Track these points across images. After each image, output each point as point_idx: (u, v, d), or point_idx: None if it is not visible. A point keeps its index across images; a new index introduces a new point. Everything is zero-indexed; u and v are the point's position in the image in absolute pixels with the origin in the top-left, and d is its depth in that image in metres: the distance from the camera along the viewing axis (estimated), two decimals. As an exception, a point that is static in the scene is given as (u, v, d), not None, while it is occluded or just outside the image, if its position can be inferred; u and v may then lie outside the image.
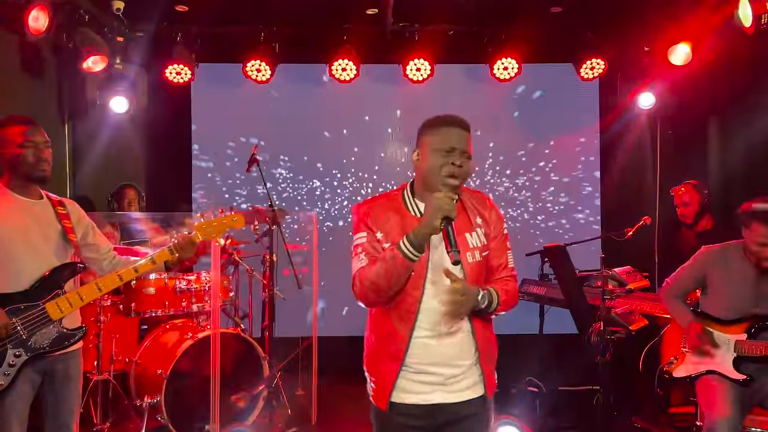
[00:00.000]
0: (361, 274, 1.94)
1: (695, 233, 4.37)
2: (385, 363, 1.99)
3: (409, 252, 1.82)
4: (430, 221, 1.80)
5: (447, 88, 5.37)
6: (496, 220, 2.04)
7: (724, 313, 2.94)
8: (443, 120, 1.98)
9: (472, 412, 1.97)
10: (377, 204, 2.04)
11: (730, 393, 2.71)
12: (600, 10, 4.73)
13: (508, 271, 2.05)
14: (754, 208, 2.81)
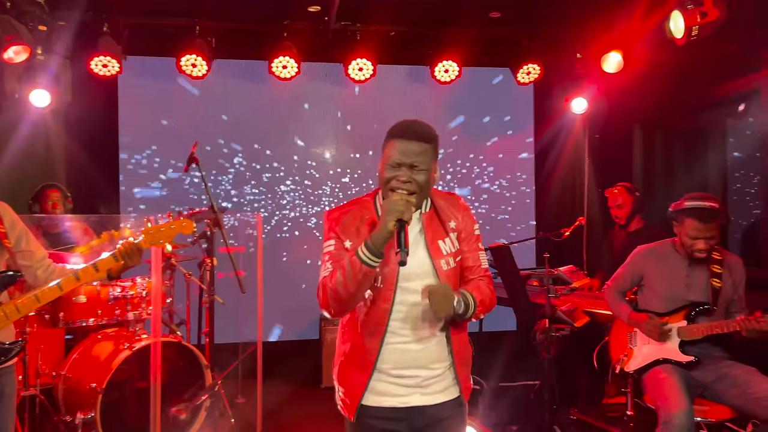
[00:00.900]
0: (323, 282, 1.89)
1: (626, 232, 4.59)
2: (355, 372, 1.95)
3: (367, 258, 1.76)
4: (384, 224, 1.76)
5: (388, 88, 5.38)
6: (469, 222, 2.03)
7: (662, 305, 3.12)
8: (397, 131, 1.92)
9: (449, 414, 1.96)
10: (348, 212, 1.99)
11: (681, 385, 2.85)
12: (536, 16, 4.87)
13: (481, 271, 2.04)
14: (685, 206, 3.04)
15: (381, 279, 1.88)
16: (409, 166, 1.86)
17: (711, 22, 3.55)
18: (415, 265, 1.89)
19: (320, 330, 5.09)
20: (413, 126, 1.92)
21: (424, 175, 1.88)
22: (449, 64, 5.06)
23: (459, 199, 2.08)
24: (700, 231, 2.94)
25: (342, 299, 1.83)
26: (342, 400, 2.01)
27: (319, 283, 1.93)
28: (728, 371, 2.91)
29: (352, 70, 5.01)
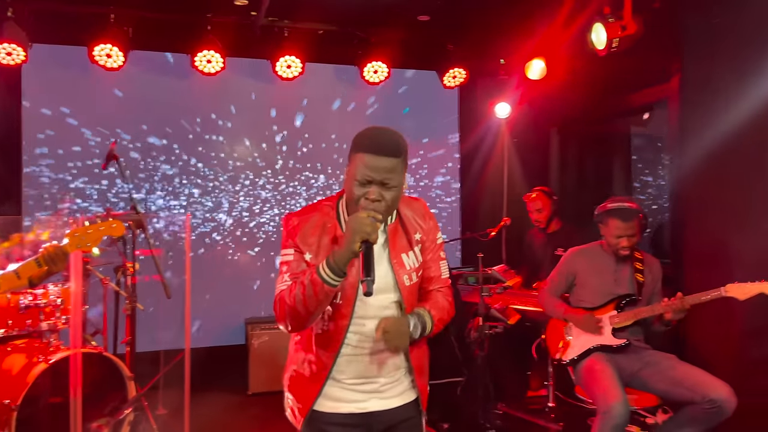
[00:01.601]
0: (281, 296, 1.81)
1: (545, 233, 4.81)
2: (307, 381, 1.89)
3: (328, 277, 1.69)
4: (349, 244, 1.68)
5: (316, 86, 5.32)
6: (433, 230, 1.97)
7: (594, 299, 3.34)
8: (366, 144, 1.77)
9: (408, 417, 1.95)
10: (308, 220, 1.87)
11: (615, 376, 3.03)
12: (463, 22, 4.99)
13: (441, 282, 2.00)
14: (608, 207, 3.29)
15: (340, 294, 1.81)
16: (380, 183, 1.75)
17: (630, 35, 3.80)
18: (377, 280, 1.78)
19: (246, 335, 4.93)
20: (383, 138, 1.77)
21: (394, 191, 1.78)
22: (378, 65, 5.07)
23: (424, 205, 2.02)
24: (623, 229, 3.21)
25: (301, 316, 1.76)
26: (291, 408, 1.94)
27: (277, 296, 1.84)
28: (651, 359, 3.14)
29: (280, 67, 4.90)
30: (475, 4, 4.57)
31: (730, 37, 3.74)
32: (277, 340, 4.86)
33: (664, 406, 3.45)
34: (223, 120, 5.34)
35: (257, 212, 5.41)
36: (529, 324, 4.45)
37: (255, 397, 4.80)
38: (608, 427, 2.83)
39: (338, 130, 5.55)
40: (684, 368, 3.00)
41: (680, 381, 2.94)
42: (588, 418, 4.38)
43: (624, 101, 4.81)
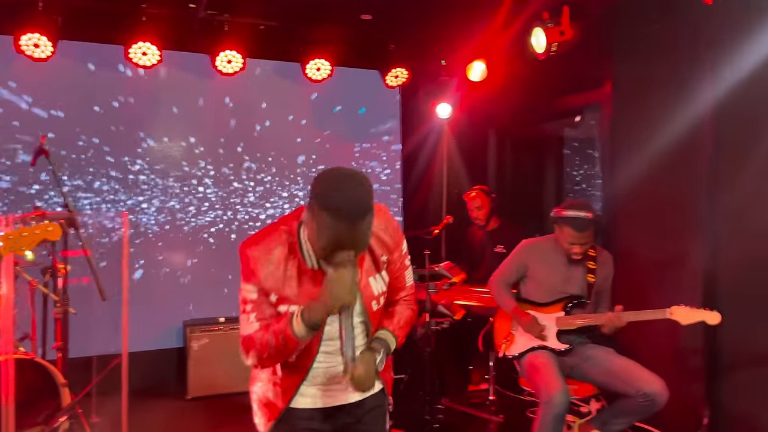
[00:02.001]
0: (250, 341, 1.78)
1: (484, 231, 4.95)
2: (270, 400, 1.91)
3: (302, 333, 1.69)
4: (326, 308, 1.65)
5: (257, 82, 5.23)
6: (398, 244, 1.89)
7: (543, 296, 3.40)
8: (333, 210, 1.57)
9: (374, 406, 1.98)
10: (269, 253, 1.75)
11: (557, 368, 3.14)
12: (405, 22, 5.03)
13: (407, 291, 1.99)
14: (564, 215, 3.28)
15: None
16: (350, 247, 1.63)
17: (568, 40, 3.96)
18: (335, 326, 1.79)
19: (185, 337, 4.78)
20: (352, 204, 1.58)
21: (367, 240, 1.70)
22: (321, 63, 5.04)
23: (386, 214, 1.90)
24: (577, 238, 3.23)
25: (273, 362, 1.82)
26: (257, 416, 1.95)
27: (244, 338, 1.80)
28: (591, 353, 3.28)
29: (220, 62, 4.78)
30: (416, 5, 4.62)
31: (660, 45, 3.96)
32: (217, 342, 4.74)
33: (598, 395, 3.63)
34: (161, 117, 5.15)
35: (195, 213, 5.25)
36: (471, 320, 4.56)
37: (195, 402, 4.67)
38: (550, 416, 2.94)
39: (281, 129, 5.47)
40: (621, 362, 3.15)
41: (617, 374, 3.09)
42: (527, 410, 4.56)
43: (560, 104, 5.01)
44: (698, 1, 3.29)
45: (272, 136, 5.44)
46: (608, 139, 4.42)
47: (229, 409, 4.54)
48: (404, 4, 4.65)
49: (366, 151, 5.80)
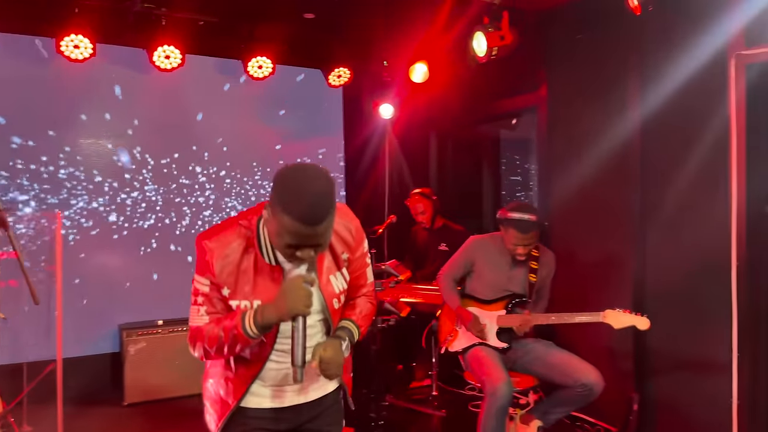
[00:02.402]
0: (198, 334, 1.77)
1: (428, 230, 5.05)
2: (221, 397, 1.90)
3: (253, 333, 1.68)
4: (281, 315, 1.65)
5: (197, 79, 5.11)
6: (359, 243, 1.90)
7: (487, 292, 3.48)
8: (292, 210, 1.56)
9: (329, 404, 1.98)
10: (227, 248, 1.74)
11: (500, 361, 3.26)
12: (348, 22, 5.05)
13: (368, 287, 2.01)
14: (509, 216, 3.35)
15: None
16: (312, 246, 1.64)
17: (507, 45, 4.09)
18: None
19: (121, 342, 4.62)
20: (315, 207, 1.57)
21: (328, 241, 1.71)
22: (263, 60, 4.97)
23: (347, 212, 1.91)
24: (521, 240, 3.31)
25: (220, 356, 1.80)
26: (209, 414, 1.93)
27: (193, 330, 1.79)
28: (532, 346, 3.41)
29: (157, 58, 4.63)
30: (359, 6, 4.65)
31: (592, 52, 4.17)
32: (156, 345, 4.60)
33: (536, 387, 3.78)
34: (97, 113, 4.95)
35: (130, 214, 5.07)
36: (415, 317, 4.64)
37: (132, 408, 4.51)
38: (495, 407, 3.04)
39: (221, 125, 5.36)
40: (560, 355, 3.29)
41: (557, 366, 3.22)
42: (469, 404, 4.68)
43: (499, 106, 5.16)
44: (628, 11, 3.47)
45: (210, 134, 5.33)
46: (544, 141, 4.61)
47: (168, 415, 4.42)
48: (347, 3, 4.68)
49: (308, 150, 5.77)
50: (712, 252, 3.45)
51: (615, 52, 4.00)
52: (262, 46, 4.95)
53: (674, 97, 3.62)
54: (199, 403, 4.67)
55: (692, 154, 3.55)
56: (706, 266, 3.50)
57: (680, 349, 3.67)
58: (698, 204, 3.54)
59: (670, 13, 3.56)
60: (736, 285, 3.33)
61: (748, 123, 3.30)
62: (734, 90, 3.34)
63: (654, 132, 3.79)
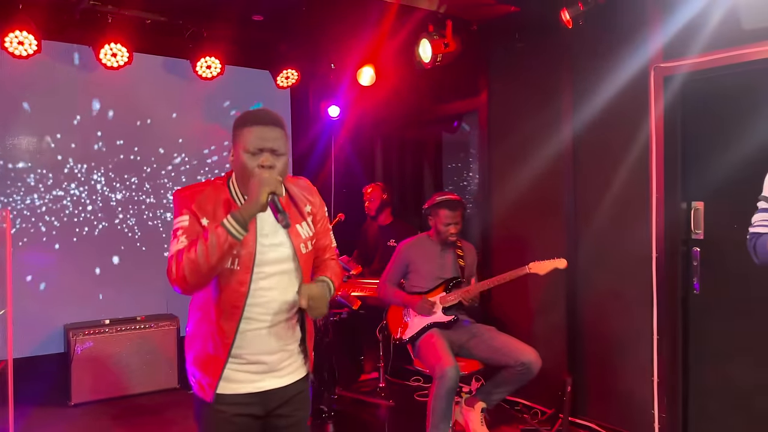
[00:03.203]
0: (179, 254, 1.86)
1: (378, 225, 5.27)
2: (210, 358, 1.97)
3: (234, 230, 1.80)
4: (257, 197, 1.81)
5: (144, 78, 5.11)
6: (320, 204, 2.15)
7: (426, 284, 3.80)
8: (251, 119, 1.94)
9: (299, 390, 2.11)
10: (203, 192, 1.98)
11: (447, 346, 3.49)
12: (296, 25, 5.18)
13: (332, 251, 2.22)
14: (437, 200, 3.77)
15: (237, 261, 1.90)
16: (270, 150, 1.91)
17: (451, 52, 4.34)
18: (275, 250, 1.97)
19: (67, 342, 4.56)
20: (266, 112, 1.96)
21: (284, 159, 1.96)
22: (212, 60, 5.02)
23: (309, 182, 2.18)
24: (451, 218, 3.71)
25: (201, 272, 1.82)
26: (198, 382, 2.01)
27: (172, 255, 1.89)
28: (476, 331, 3.68)
29: (104, 56, 4.61)
30: (306, 10, 4.78)
31: (529, 61, 4.48)
32: (103, 344, 4.58)
33: (477, 375, 4.05)
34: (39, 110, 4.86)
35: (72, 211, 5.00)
36: (364, 311, 4.82)
37: (79, 408, 4.47)
38: (444, 389, 3.27)
39: (169, 125, 5.36)
40: (502, 338, 3.57)
41: (499, 348, 3.50)
42: (414, 394, 4.90)
43: (441, 109, 5.42)
44: (561, 24, 3.79)
45: (157, 133, 5.32)
46: (485, 142, 4.89)
47: (117, 414, 4.41)
48: (295, 6, 4.80)
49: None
50: (635, 245, 3.81)
51: (549, 62, 4.32)
52: (211, 46, 4.99)
53: (602, 106, 3.97)
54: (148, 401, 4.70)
55: (619, 158, 3.91)
56: (630, 258, 3.86)
57: (608, 334, 4.02)
58: (624, 203, 3.90)
59: (599, 28, 3.90)
60: (656, 274, 3.71)
61: (666, 130, 3.67)
62: (654, 99, 3.71)
63: (585, 136, 4.13)
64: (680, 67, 3.57)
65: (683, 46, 3.53)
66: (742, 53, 3.26)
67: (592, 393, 4.14)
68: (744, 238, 3.27)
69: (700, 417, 3.66)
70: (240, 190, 2.00)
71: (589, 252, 4.13)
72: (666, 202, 3.68)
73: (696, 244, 3.66)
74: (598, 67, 4.01)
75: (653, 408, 3.73)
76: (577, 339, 4.20)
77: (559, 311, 4.24)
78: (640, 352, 3.80)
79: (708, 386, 3.63)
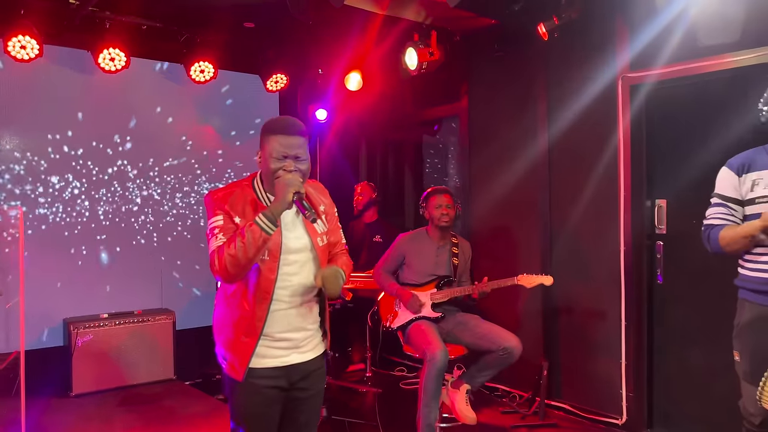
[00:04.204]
0: (219, 250, 2.12)
1: (364, 224, 5.55)
2: (242, 340, 2.21)
3: (265, 225, 2.07)
4: (284, 197, 2.07)
5: (140, 82, 5.29)
6: (331, 204, 2.43)
7: (418, 278, 4.03)
8: (278, 128, 2.18)
9: (318, 366, 2.36)
10: (232, 193, 2.22)
11: (436, 332, 3.76)
12: (285, 32, 5.41)
13: (342, 246, 2.49)
14: (427, 192, 4.05)
15: (267, 252, 2.17)
16: (294, 157, 2.16)
17: (435, 60, 4.64)
18: (296, 241, 2.24)
19: (67, 335, 4.72)
20: (292, 122, 2.20)
21: (305, 164, 2.21)
22: (205, 65, 5.22)
23: (322, 186, 2.45)
24: (440, 200, 3.97)
25: (241, 264, 2.09)
26: (230, 364, 2.25)
27: (213, 251, 2.15)
28: (462, 319, 3.95)
29: (102, 60, 4.79)
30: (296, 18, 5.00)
31: (507, 70, 4.80)
32: (102, 337, 4.76)
33: (459, 364, 4.34)
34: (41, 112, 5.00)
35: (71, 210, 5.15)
36: (353, 305, 5.09)
37: (79, 398, 4.64)
38: (434, 370, 3.54)
39: (161, 127, 5.54)
40: (486, 325, 3.86)
41: (483, 335, 3.78)
42: (400, 383, 5.19)
43: (424, 114, 5.72)
44: (538, 36, 4.11)
45: (150, 135, 5.49)
46: (466, 146, 5.20)
47: (118, 403, 4.59)
48: (284, 15, 5.02)
49: (245, 152, 6.04)
50: (605, 240, 4.16)
51: (527, 71, 4.66)
52: (205, 52, 5.20)
53: (575, 113, 4.33)
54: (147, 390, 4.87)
55: (590, 160, 4.26)
56: (601, 252, 4.21)
57: (581, 321, 4.37)
58: (595, 202, 4.25)
59: (572, 40, 4.24)
60: (624, 266, 4.06)
61: (633, 134, 4.03)
62: (621, 106, 4.06)
63: (559, 140, 4.47)
64: (645, 77, 3.93)
65: (649, 58, 3.89)
66: (700, 65, 3.63)
67: (565, 376, 4.48)
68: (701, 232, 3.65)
69: (663, 397, 4.03)
70: (265, 189, 2.26)
71: (563, 247, 4.47)
72: (633, 200, 4.03)
73: (659, 238, 4.02)
74: (571, 76, 4.36)
75: (621, 388, 4.07)
76: (553, 327, 4.54)
77: (536, 302, 4.57)
78: (610, 337, 4.15)
79: (670, 369, 3.99)
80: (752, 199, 2.56)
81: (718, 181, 2.71)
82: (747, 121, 3.42)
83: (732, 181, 2.64)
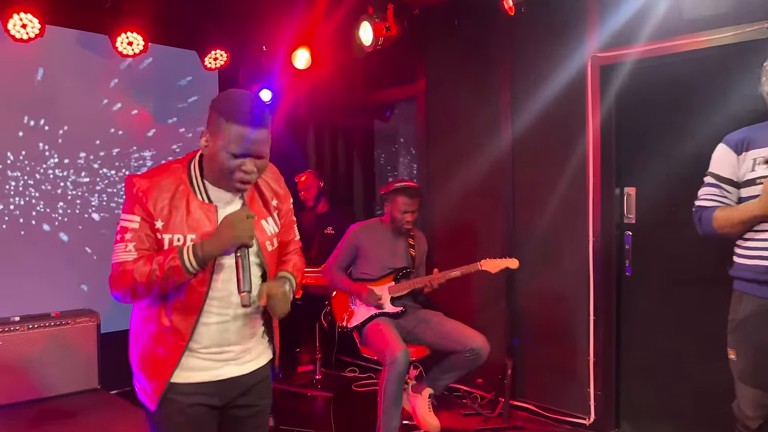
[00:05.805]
0: (126, 270, 1.72)
1: (314, 214, 5.14)
2: (159, 360, 1.81)
3: (191, 267, 1.70)
4: (224, 245, 1.71)
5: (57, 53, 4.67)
6: (287, 197, 2.01)
7: (375, 271, 3.70)
8: (238, 114, 1.69)
9: (262, 378, 1.98)
10: (160, 184, 1.77)
11: (396, 332, 3.43)
12: (223, 3, 4.92)
13: (295, 244, 2.11)
14: (396, 187, 3.64)
15: None
16: (255, 155, 1.74)
17: (392, 36, 4.27)
18: None
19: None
20: (256, 110, 1.71)
21: (265, 161, 1.80)
22: (134, 36, 4.65)
23: (276, 170, 2.02)
24: (409, 205, 3.60)
25: (148, 294, 1.74)
26: (142, 389, 1.84)
27: (117, 264, 1.74)
28: (424, 317, 3.64)
29: (12, 26, 4.16)
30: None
31: (471, 46, 4.49)
32: (14, 344, 4.16)
33: (414, 363, 4.03)
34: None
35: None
36: (301, 302, 4.68)
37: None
38: (395, 373, 3.21)
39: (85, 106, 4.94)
40: (450, 324, 3.56)
41: (447, 334, 3.48)
42: (352, 385, 4.84)
43: (378, 96, 5.35)
44: (503, 11, 3.81)
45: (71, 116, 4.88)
46: (423, 130, 4.87)
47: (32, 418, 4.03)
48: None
49: (182, 134, 5.51)
50: (573, 230, 3.93)
51: (490, 50, 4.36)
52: (133, 22, 4.63)
53: (542, 96, 4.06)
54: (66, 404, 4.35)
55: (557, 145, 4.01)
56: (569, 243, 3.97)
57: (547, 317, 4.13)
58: (562, 191, 4.00)
59: (539, 16, 3.97)
60: (593, 258, 3.84)
61: (602, 118, 3.80)
62: (590, 88, 3.82)
63: (525, 126, 4.20)
64: (617, 57, 3.70)
65: (620, 37, 3.66)
66: (676, 44, 3.42)
67: (530, 375, 4.24)
68: (673, 220, 3.46)
69: (632, 394, 3.84)
70: (204, 176, 1.83)
71: (529, 240, 4.21)
72: (602, 188, 3.81)
73: (628, 228, 3.82)
74: (538, 56, 4.09)
75: (589, 387, 3.86)
76: (517, 323, 4.28)
77: (500, 297, 4.31)
78: (578, 333, 3.93)
79: (637, 364, 3.81)
80: (752, 180, 2.33)
81: (714, 159, 2.48)
82: (722, 103, 3.25)
83: (730, 159, 2.41)
